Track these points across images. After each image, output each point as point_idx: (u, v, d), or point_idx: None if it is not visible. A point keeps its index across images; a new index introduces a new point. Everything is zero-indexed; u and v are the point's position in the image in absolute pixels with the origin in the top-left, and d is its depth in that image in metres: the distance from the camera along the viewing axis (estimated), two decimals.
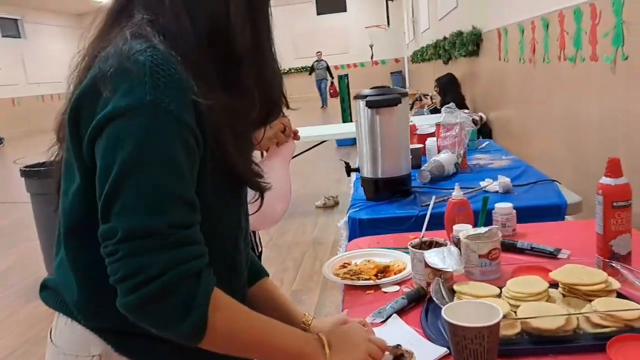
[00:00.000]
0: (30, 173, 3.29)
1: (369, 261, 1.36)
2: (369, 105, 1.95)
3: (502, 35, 4.58)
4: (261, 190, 0.84)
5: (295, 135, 1.52)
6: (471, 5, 6.28)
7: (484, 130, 5.68)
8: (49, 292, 0.80)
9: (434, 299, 1.04)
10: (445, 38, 7.84)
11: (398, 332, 1.05)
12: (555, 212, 1.83)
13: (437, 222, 1.46)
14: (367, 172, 2.05)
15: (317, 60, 17.03)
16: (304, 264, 3.61)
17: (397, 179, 2.03)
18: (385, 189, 2.03)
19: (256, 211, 0.88)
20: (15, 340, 2.95)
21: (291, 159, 1.51)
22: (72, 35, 21.45)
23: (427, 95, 8.71)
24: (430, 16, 10.42)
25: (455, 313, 0.86)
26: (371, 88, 2.05)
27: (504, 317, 0.97)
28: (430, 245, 1.26)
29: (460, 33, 6.59)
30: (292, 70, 19.27)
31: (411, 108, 10.08)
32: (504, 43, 4.60)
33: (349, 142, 7.73)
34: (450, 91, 6.62)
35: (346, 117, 9.05)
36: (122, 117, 0.65)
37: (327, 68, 16.83)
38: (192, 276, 0.66)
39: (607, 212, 1.17)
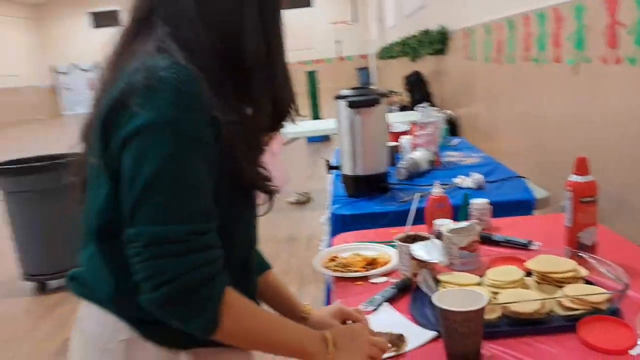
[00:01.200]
0: (3, 171, 3.24)
1: (357, 254, 1.45)
2: (351, 105, 2.04)
3: (469, 35, 4.73)
4: (270, 193, 0.91)
5: None
6: (437, 4, 6.43)
7: (452, 127, 5.86)
8: (78, 283, 0.85)
9: (422, 288, 1.14)
10: (413, 36, 7.99)
11: (389, 318, 1.14)
12: (524, 206, 1.96)
13: (417, 217, 1.57)
14: (347, 170, 2.14)
15: None
16: (279, 260, 3.67)
17: (376, 176, 2.12)
18: (365, 186, 2.12)
19: (266, 212, 0.96)
20: None
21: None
22: (28, 26, 20.83)
23: (396, 92, 8.87)
24: (396, 13, 10.57)
25: (445, 300, 0.95)
26: (352, 88, 2.14)
27: (488, 303, 1.08)
28: (415, 239, 1.35)
29: (427, 31, 6.75)
30: None
31: None
32: (471, 42, 4.75)
33: (319, 139, 7.81)
34: (418, 89, 6.78)
35: (316, 113, 9.08)
36: (147, 133, 0.72)
37: None
38: (207, 279, 0.74)
39: (575, 207, 1.28)
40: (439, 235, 1.40)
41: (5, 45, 18.96)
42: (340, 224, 1.97)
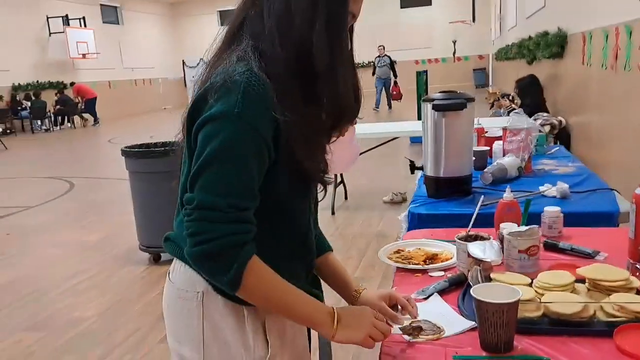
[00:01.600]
0: (131, 153, 3.70)
1: (419, 249, 1.55)
2: (436, 108, 2.12)
3: (587, 39, 4.52)
4: (324, 185, 1.05)
5: None
6: (558, 6, 6.16)
7: (562, 134, 5.61)
8: (170, 243, 1.05)
9: (471, 283, 1.22)
10: (530, 38, 7.70)
11: (436, 307, 1.24)
12: (608, 219, 1.93)
13: (490, 220, 1.64)
14: (430, 171, 2.22)
15: (378, 57, 14.56)
16: (367, 254, 3.81)
17: (457, 179, 2.18)
18: (446, 188, 2.19)
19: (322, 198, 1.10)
20: (110, 299, 3.37)
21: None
22: (164, 22, 22.71)
23: (509, 95, 8.58)
24: (517, 13, 10.19)
25: (483, 292, 1.04)
26: (440, 92, 2.22)
27: (529, 301, 1.14)
28: (475, 238, 1.43)
29: (545, 34, 6.49)
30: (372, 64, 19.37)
31: (491, 107, 9.95)
32: (587, 47, 4.54)
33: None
34: (529, 93, 6.53)
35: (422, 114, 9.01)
36: (216, 121, 0.89)
37: (391, 65, 14.50)
38: (238, 246, 0.89)
39: (639, 220, 1.29)
40: (502, 238, 1.46)
41: (147, 40, 20.88)
42: (416, 222, 2.06)
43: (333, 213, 4.88)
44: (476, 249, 1.34)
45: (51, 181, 7.55)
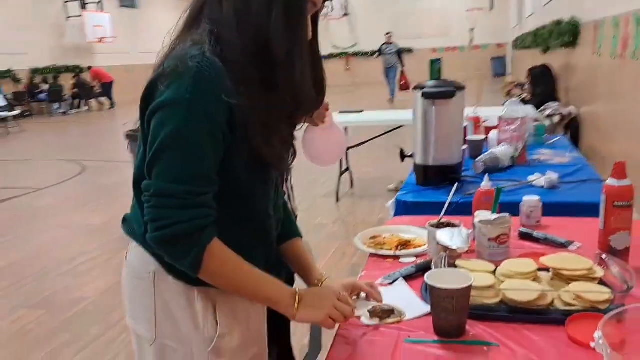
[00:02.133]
0: (133, 136, 3.75)
1: (394, 236, 1.56)
2: (425, 96, 2.11)
3: (598, 28, 4.45)
4: (281, 171, 1.06)
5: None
6: None
7: (572, 125, 5.54)
8: (126, 224, 1.08)
9: (433, 268, 1.23)
10: (544, 26, 7.59)
11: (400, 292, 1.25)
12: (594, 210, 1.90)
13: (470, 209, 1.64)
14: (419, 159, 2.22)
15: (385, 44, 13.83)
16: None
17: (446, 167, 2.18)
18: (435, 176, 2.19)
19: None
20: (110, 280, 3.43)
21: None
22: (181, 6, 22.66)
23: (524, 85, 8.46)
24: (535, 1, 10.03)
25: (437, 278, 1.05)
26: (431, 79, 2.21)
27: (487, 287, 1.15)
28: (447, 226, 1.43)
29: (559, 22, 6.39)
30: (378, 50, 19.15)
31: (506, 96, 9.82)
32: (598, 36, 4.47)
33: None
34: (542, 83, 6.44)
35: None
36: (167, 107, 0.90)
37: (399, 53, 13.69)
38: (196, 230, 0.91)
39: (608, 211, 1.28)
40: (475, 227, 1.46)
41: (163, 24, 20.52)
42: (402, 210, 2.07)
43: (338, 200, 4.90)
44: (444, 236, 1.35)
45: (63, 163, 7.68)
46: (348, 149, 5.19)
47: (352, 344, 1.06)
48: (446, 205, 1.49)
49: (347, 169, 5.29)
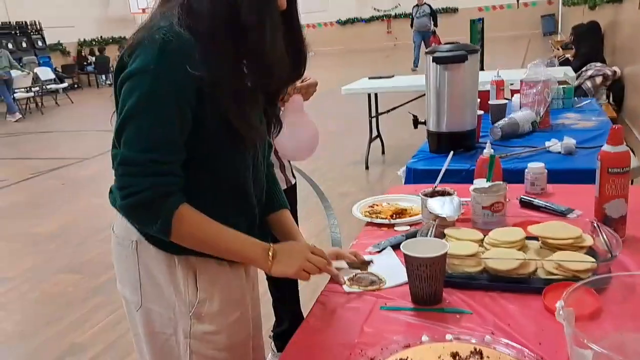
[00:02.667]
0: None
1: (390, 204, 1.57)
2: (436, 61, 2.07)
3: None
4: (254, 142, 1.07)
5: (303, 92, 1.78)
6: None
7: (616, 86, 5.29)
8: (111, 195, 1.13)
9: (418, 237, 1.24)
10: None
11: (386, 260, 1.27)
12: None
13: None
14: (432, 126, 2.19)
15: (416, 6, 12.53)
16: None
17: (460, 134, 2.14)
18: (448, 143, 2.15)
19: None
20: None
21: (303, 109, 1.75)
22: None
23: (568, 43, 8.07)
24: None
25: (413, 247, 1.06)
26: (445, 43, 2.16)
27: (471, 256, 1.15)
28: (442, 194, 1.43)
29: None
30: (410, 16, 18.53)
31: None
32: None
33: None
34: (586, 41, 6.15)
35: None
36: (134, 77, 0.93)
37: (432, 14, 12.44)
38: (161, 197, 0.94)
39: (602, 178, 1.25)
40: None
41: None
42: (412, 177, 2.06)
43: (367, 167, 4.89)
44: (435, 204, 1.35)
45: (109, 134, 7.93)
46: (379, 114, 5.15)
47: (329, 310, 1.09)
48: (441, 173, 1.48)
49: (378, 136, 5.25)
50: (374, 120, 5.10)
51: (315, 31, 22.22)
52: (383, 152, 5.34)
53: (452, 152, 1.58)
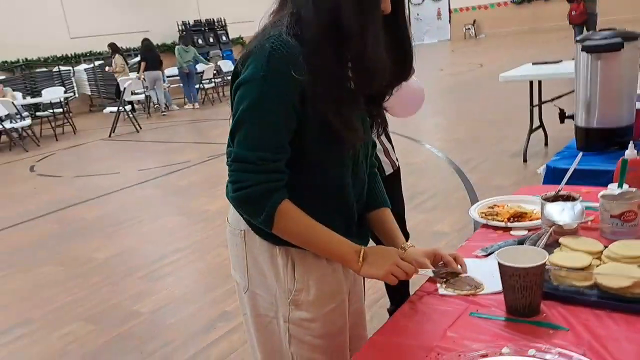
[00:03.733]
0: None
1: (517, 206, 1.49)
2: (586, 49, 1.89)
3: None
4: (353, 143, 1.11)
5: None
6: None
7: None
8: (226, 188, 1.26)
9: (527, 243, 1.18)
10: None
11: (490, 266, 1.22)
12: None
13: None
14: (580, 121, 2.01)
15: None
16: None
17: (611, 130, 1.94)
18: (597, 140, 1.97)
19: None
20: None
21: None
22: None
23: None
24: None
25: (509, 255, 1.02)
26: (600, 30, 1.96)
27: (580, 269, 1.07)
28: (566, 199, 1.33)
29: None
30: None
31: None
32: None
33: None
34: None
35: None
36: (246, 84, 1.03)
37: None
38: (268, 192, 1.04)
39: None
40: None
41: None
42: (552, 177, 1.92)
43: (525, 160, 4.60)
44: (553, 209, 1.26)
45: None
46: (542, 102, 4.80)
47: (419, 310, 1.10)
48: (567, 175, 1.37)
49: (541, 126, 4.89)
50: (535, 109, 4.76)
51: (487, 12, 21.13)
52: (546, 144, 4.97)
53: (581, 153, 1.45)
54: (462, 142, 5.67)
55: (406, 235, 2.25)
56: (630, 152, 1.45)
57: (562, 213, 1.24)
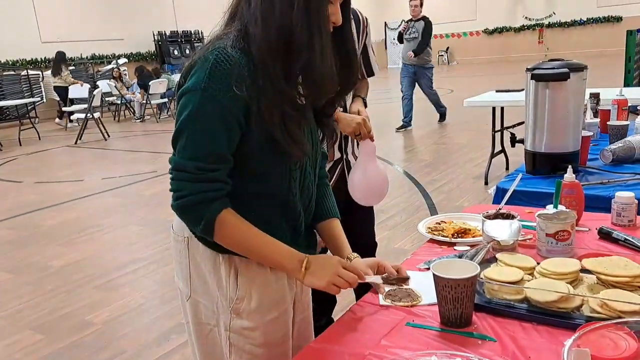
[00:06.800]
0: None
1: (454, 222, 1.55)
2: (535, 78, 1.98)
3: None
4: (298, 157, 1.12)
5: (370, 137, 1.74)
6: None
7: None
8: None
9: (465, 257, 1.22)
10: None
11: (428, 278, 1.26)
12: None
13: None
14: (529, 145, 2.09)
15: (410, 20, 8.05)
16: None
17: (559, 155, 2.02)
18: (545, 164, 2.05)
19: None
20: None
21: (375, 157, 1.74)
22: None
23: None
24: None
25: (443, 268, 1.06)
26: (549, 60, 2.05)
27: (512, 283, 1.12)
28: (506, 217, 1.38)
29: None
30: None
31: None
32: None
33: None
34: None
35: (629, 80, 7.86)
36: (187, 94, 1.04)
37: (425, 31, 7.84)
38: (206, 201, 1.05)
39: None
40: None
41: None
42: (501, 197, 1.98)
43: (486, 183, 4.72)
44: (492, 226, 1.32)
45: None
46: (505, 128, 4.94)
47: (358, 318, 1.13)
48: (507, 195, 1.44)
49: (502, 151, 5.03)
50: (498, 134, 4.90)
51: (461, 40, 21.70)
52: (507, 168, 5.10)
53: (520, 175, 1.52)
54: (429, 164, 5.77)
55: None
56: (568, 176, 1.52)
57: (500, 230, 1.30)
